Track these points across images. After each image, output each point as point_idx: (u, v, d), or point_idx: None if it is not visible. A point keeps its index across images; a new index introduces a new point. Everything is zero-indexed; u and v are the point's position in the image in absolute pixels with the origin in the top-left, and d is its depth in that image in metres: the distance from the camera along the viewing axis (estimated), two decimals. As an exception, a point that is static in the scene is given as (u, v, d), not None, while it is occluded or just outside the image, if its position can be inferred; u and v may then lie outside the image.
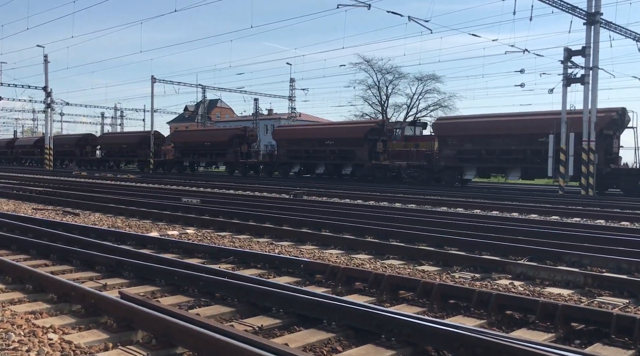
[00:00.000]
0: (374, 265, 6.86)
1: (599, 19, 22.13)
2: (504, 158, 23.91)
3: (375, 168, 28.75)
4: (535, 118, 23.97)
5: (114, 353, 3.59)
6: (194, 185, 23.73)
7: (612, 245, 7.99)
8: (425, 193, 19.91)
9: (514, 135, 23.31)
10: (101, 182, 25.79)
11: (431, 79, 53.22)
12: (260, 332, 4.14)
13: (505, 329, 4.39)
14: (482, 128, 24.62)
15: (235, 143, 36.53)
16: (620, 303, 5.17)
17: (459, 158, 25.40)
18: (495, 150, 24.03)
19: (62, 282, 4.98)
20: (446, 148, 25.73)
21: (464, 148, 25.04)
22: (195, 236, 9.07)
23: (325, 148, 31.05)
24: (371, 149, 29.10)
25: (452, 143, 25.37)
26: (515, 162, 23.65)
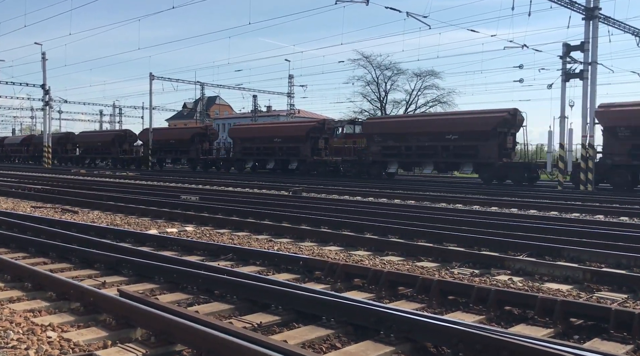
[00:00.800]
0: (373, 261, 6.86)
1: (597, 14, 22.12)
2: (419, 154, 27.00)
3: (316, 163, 31.93)
4: (443, 118, 28.18)
5: (113, 350, 3.59)
6: (193, 182, 23.73)
7: (611, 240, 7.99)
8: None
9: (426, 133, 26.38)
10: (100, 180, 25.78)
11: (430, 75, 53.22)
12: (259, 329, 4.14)
13: (504, 325, 4.39)
14: (401, 127, 28.04)
15: (197, 141, 39.16)
16: (619, 298, 5.17)
17: (383, 154, 28.26)
18: (412, 147, 27.00)
19: (61, 280, 4.97)
20: (373, 145, 28.54)
21: (387, 145, 27.91)
22: (194, 233, 9.07)
23: (274, 145, 34.12)
24: (313, 146, 32.22)
25: (378, 140, 28.20)
26: (428, 156, 26.64)
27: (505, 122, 24.28)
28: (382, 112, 54.80)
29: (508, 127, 24.46)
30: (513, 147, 25.24)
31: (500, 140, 24.18)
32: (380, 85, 56.18)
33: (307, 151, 32.17)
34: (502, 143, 24.30)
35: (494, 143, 24.02)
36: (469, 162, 25.19)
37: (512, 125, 24.64)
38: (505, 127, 24.37)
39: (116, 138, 47.28)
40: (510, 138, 24.80)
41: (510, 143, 24.84)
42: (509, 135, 24.68)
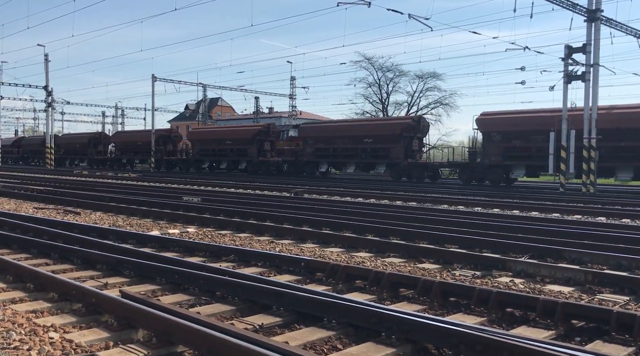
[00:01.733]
0: (375, 263, 6.87)
1: (599, 15, 22.08)
2: (344, 155, 31.21)
3: (262, 164, 35.45)
4: (360, 123, 33.25)
5: (115, 351, 3.60)
6: (195, 183, 23.75)
7: (613, 242, 7.98)
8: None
9: (348, 136, 30.89)
10: (102, 181, 25.82)
11: (432, 77, 53.21)
12: (260, 330, 4.14)
13: (505, 326, 4.39)
14: (330, 132, 32.35)
15: (162, 143, 42.72)
16: (621, 301, 5.17)
17: (315, 155, 32.51)
18: (338, 148, 31.35)
19: (63, 281, 4.99)
20: (308, 147, 32.75)
21: (319, 147, 32.20)
22: (196, 234, 9.08)
23: (227, 147, 37.79)
24: (259, 148, 35.79)
25: (311, 143, 32.49)
26: (350, 157, 31.02)
27: (410, 127, 28.72)
28: (384, 114, 54.81)
29: (414, 132, 28.85)
30: (420, 149, 29.46)
31: (406, 143, 28.48)
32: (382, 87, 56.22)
33: (254, 152, 35.71)
34: (407, 146, 28.59)
35: (401, 147, 28.30)
36: (382, 162, 29.59)
37: (417, 131, 29.08)
38: (411, 132, 28.73)
39: (91, 140, 50.23)
40: (416, 141, 29.11)
41: (415, 146, 29.00)
42: (415, 139, 29.02)
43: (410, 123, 29.07)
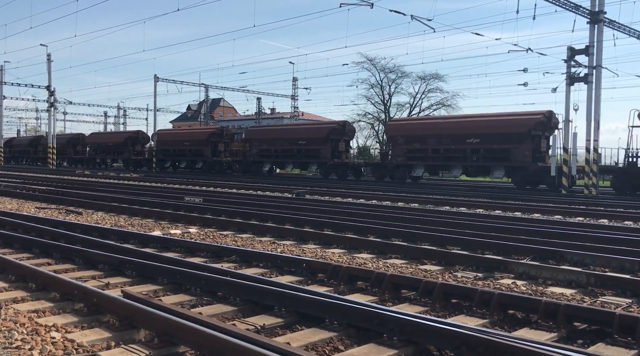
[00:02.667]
0: (376, 264, 6.86)
1: (602, 17, 22.07)
2: (284, 155, 35.04)
3: (215, 163, 38.98)
4: (296, 127, 37.48)
5: (117, 351, 3.60)
6: (197, 184, 23.77)
7: (615, 244, 7.97)
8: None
9: (286, 138, 34.74)
10: (104, 181, 25.85)
11: (434, 78, 53.08)
12: (262, 331, 4.14)
13: (507, 328, 4.38)
14: (272, 134, 36.59)
15: (130, 143, 46.01)
16: (623, 303, 5.15)
17: (259, 155, 36.32)
18: (279, 149, 35.04)
19: (64, 281, 4.99)
20: (253, 148, 36.61)
21: (262, 148, 35.97)
22: (198, 235, 9.09)
23: (185, 148, 41.21)
24: (214, 149, 39.02)
25: (256, 144, 36.45)
26: (289, 157, 34.51)
27: (335, 131, 32.18)
28: (386, 115, 54.75)
29: (340, 135, 32.19)
30: (346, 151, 32.93)
31: (333, 146, 32.10)
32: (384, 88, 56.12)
33: (209, 153, 39.10)
34: (335, 148, 32.15)
35: (328, 148, 31.78)
36: (314, 162, 33.28)
37: (344, 134, 32.40)
38: (338, 135, 32.09)
39: (70, 140, 54.16)
40: (342, 144, 32.45)
41: (342, 148, 32.41)
42: (341, 141, 32.31)
43: (336, 127, 32.69)
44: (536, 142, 23.87)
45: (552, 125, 24.06)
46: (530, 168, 23.50)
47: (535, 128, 23.53)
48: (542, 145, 24.10)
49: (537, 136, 23.84)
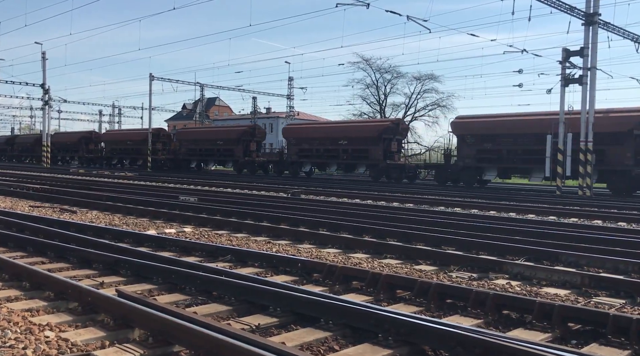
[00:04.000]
0: (372, 264, 6.87)
1: (597, 19, 22.14)
2: (209, 154, 37.91)
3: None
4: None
5: (111, 350, 3.58)
6: (192, 183, 23.73)
7: (609, 245, 8.01)
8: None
9: (214, 140, 37.46)
10: (98, 180, 25.76)
11: (429, 79, 53.32)
12: (257, 331, 4.14)
13: (502, 329, 4.39)
14: (197, 135, 40.29)
15: (84, 143, 50.48)
16: (617, 304, 5.18)
17: (187, 154, 40.24)
18: (203, 149, 38.63)
19: (59, 280, 4.97)
20: (182, 148, 41.18)
21: (189, 148, 39.97)
22: (193, 234, 9.07)
23: (128, 147, 46.42)
24: (153, 148, 42.94)
25: (185, 144, 41.31)
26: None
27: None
28: (382, 115, 54.87)
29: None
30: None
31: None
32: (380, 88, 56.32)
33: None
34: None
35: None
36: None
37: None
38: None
39: (37, 141, 55.25)
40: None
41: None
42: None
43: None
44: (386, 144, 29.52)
45: (400, 130, 30.67)
46: (381, 164, 29.29)
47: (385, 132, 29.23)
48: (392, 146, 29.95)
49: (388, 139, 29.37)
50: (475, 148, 26.22)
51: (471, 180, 26.54)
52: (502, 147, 25.34)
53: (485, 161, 26.30)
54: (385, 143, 29.83)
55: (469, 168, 26.49)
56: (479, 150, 26.19)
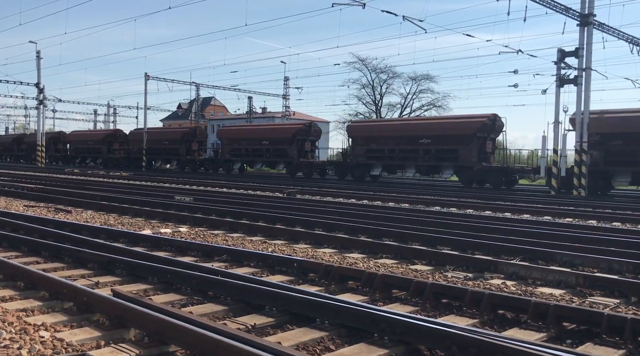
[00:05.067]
0: (367, 264, 6.87)
1: (592, 20, 22.23)
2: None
3: (110, 159, 46.56)
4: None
5: (106, 350, 3.58)
6: (187, 183, 23.69)
7: (604, 245, 8.04)
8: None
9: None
10: (94, 180, 25.68)
11: (425, 79, 53.44)
12: (253, 330, 4.14)
13: (497, 328, 4.41)
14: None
15: (52, 143, 52.70)
16: (612, 303, 5.20)
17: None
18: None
19: (53, 280, 4.95)
20: (134, 147, 43.99)
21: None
22: (188, 234, 9.05)
23: (88, 146, 49.67)
24: (109, 148, 47.14)
25: (134, 144, 44.47)
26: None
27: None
28: (377, 115, 54.94)
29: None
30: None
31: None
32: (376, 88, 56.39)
33: (105, 151, 46.50)
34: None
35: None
36: (174, 158, 41.02)
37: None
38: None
39: (15, 140, 59.32)
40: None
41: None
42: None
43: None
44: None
45: (312, 132, 33.42)
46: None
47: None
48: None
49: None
50: (365, 148, 29.27)
51: (362, 175, 29.32)
52: (384, 147, 28.44)
53: (372, 159, 29.38)
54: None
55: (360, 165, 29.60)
56: (367, 150, 29.21)
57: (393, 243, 8.03)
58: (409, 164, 28.23)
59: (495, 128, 26.24)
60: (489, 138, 26.24)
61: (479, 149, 25.65)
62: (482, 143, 25.80)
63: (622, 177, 21.98)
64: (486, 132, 25.85)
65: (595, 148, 22.12)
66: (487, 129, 25.85)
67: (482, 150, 25.80)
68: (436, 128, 27.39)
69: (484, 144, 25.94)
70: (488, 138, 26.17)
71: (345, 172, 31.48)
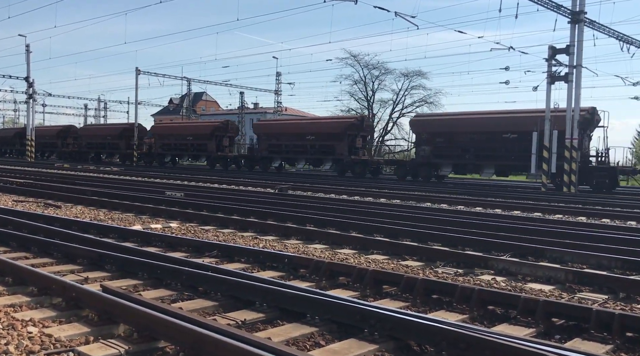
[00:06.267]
0: (358, 259, 6.88)
1: (583, 17, 22.33)
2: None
3: (67, 153, 48.38)
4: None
5: (95, 346, 3.55)
6: (178, 178, 23.59)
7: (593, 241, 8.09)
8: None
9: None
10: (84, 175, 25.52)
11: (417, 75, 53.38)
12: (243, 326, 4.13)
13: (487, 324, 4.42)
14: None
15: (18, 137, 53.28)
16: (600, 299, 5.24)
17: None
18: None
19: (42, 275, 4.92)
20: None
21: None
22: (179, 230, 9.02)
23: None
24: (63, 143, 49.50)
25: (86, 140, 47.01)
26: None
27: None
28: (369, 112, 54.91)
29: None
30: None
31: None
32: (368, 84, 56.29)
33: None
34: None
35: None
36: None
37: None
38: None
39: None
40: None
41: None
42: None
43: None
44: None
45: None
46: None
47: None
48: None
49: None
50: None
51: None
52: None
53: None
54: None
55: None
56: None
57: (384, 239, 8.03)
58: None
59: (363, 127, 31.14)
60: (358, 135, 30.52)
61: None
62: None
63: (445, 168, 26.67)
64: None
65: (425, 145, 26.81)
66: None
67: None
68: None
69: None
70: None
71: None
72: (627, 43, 24.91)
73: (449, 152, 26.56)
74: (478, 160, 25.78)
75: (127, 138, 43.28)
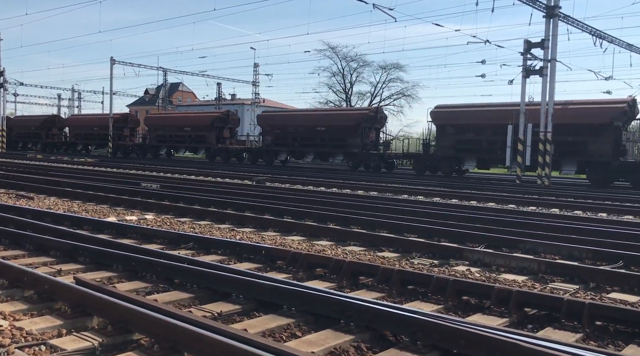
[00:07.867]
0: (335, 251, 6.90)
1: (557, 12, 22.61)
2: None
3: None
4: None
5: (68, 339, 3.50)
6: (154, 170, 23.34)
7: (565, 233, 8.25)
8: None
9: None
10: (58, 165, 25.07)
11: (395, 68, 53.62)
12: (219, 318, 4.11)
13: (461, 314, 4.48)
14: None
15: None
16: (571, 289, 5.35)
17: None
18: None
19: (13, 267, 4.82)
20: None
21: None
22: (155, 221, 8.93)
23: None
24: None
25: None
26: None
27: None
28: (347, 104, 54.99)
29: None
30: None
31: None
32: (346, 76, 56.34)
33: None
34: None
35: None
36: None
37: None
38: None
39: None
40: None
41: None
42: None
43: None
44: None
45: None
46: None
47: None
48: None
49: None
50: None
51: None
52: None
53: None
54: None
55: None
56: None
57: (361, 231, 8.05)
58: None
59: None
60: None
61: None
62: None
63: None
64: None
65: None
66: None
67: None
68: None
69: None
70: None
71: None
72: (600, 38, 25.32)
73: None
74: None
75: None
